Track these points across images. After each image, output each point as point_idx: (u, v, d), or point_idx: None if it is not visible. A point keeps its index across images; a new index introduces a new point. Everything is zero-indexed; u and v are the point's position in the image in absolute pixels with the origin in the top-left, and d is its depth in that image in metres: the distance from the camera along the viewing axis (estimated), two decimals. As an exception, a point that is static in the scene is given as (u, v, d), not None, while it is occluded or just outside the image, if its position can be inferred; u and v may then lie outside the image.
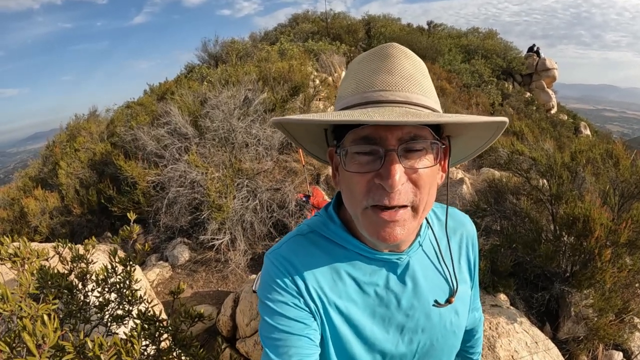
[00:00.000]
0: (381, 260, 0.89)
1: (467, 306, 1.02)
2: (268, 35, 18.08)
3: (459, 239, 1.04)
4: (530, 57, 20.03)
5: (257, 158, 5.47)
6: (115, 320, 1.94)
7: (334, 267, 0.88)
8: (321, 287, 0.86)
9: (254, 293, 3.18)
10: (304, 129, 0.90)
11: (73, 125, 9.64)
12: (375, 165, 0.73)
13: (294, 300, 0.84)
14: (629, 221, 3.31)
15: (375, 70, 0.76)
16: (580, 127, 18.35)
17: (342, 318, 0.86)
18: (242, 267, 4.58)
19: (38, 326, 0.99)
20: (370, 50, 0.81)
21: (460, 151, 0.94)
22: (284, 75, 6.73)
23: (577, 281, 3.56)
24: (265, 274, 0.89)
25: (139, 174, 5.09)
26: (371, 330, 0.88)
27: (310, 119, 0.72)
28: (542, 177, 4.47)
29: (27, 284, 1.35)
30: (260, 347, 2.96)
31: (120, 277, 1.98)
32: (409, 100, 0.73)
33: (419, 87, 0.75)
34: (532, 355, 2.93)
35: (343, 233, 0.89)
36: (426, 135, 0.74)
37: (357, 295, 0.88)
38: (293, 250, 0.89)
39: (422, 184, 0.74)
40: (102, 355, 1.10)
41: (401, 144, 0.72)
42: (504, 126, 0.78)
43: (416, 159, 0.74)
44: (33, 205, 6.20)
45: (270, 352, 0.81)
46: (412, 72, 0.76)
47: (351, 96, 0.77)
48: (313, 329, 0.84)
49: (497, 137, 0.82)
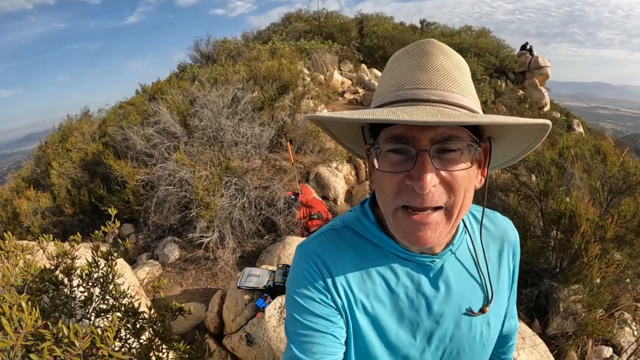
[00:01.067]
0: (414, 262, 0.86)
1: (500, 318, 0.98)
2: (261, 35, 18.11)
3: (499, 246, 0.98)
4: (523, 55, 20.10)
5: (245, 156, 5.52)
6: (99, 314, 1.99)
7: (364, 264, 0.86)
8: (349, 284, 0.84)
9: (238, 289, 3.24)
10: (340, 127, 0.88)
11: (65, 125, 9.66)
12: (407, 166, 0.70)
13: (321, 296, 0.83)
14: (616, 216, 3.34)
15: (411, 67, 0.74)
16: (573, 125, 18.45)
17: (368, 318, 0.85)
18: (231, 265, 4.62)
19: (14, 311, 1.05)
20: (408, 46, 0.78)
21: (503, 154, 0.89)
22: (273, 74, 6.78)
23: (565, 277, 3.57)
24: (294, 268, 0.88)
25: (128, 173, 5.13)
26: (397, 334, 0.86)
27: (338, 117, 0.70)
28: (530, 173, 4.53)
29: (9, 275, 1.40)
30: (244, 342, 3.02)
31: (103, 272, 2.03)
32: (444, 99, 0.70)
33: (455, 85, 0.72)
34: (519, 350, 2.93)
35: (377, 231, 0.87)
36: (463, 136, 0.71)
37: (386, 296, 0.85)
38: (323, 246, 0.88)
39: (457, 186, 0.71)
40: (77, 342, 1.15)
41: (434, 145, 0.69)
42: (547, 129, 0.72)
43: (450, 160, 0.71)
44: (25, 206, 6.23)
45: (295, 347, 0.81)
46: (449, 69, 0.73)
47: (386, 94, 0.75)
48: (339, 327, 0.83)
49: (540, 140, 0.77)
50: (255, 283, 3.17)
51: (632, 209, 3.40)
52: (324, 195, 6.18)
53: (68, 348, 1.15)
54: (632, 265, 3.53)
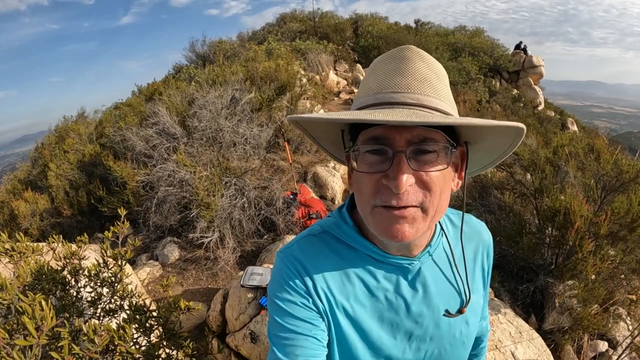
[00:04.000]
0: (392, 265, 0.88)
1: (477, 316, 1.01)
2: (256, 35, 18.12)
3: (474, 248, 1.02)
4: (517, 54, 20.24)
5: (244, 157, 5.54)
6: (108, 313, 2.02)
7: (343, 268, 0.88)
8: (329, 287, 0.86)
9: (242, 288, 3.27)
10: (322, 130, 0.90)
11: (62, 127, 9.63)
12: (384, 166, 0.72)
13: (302, 300, 0.84)
14: (609, 213, 3.40)
15: (390, 71, 0.76)
16: (567, 123, 18.58)
17: (349, 320, 0.86)
18: (231, 265, 4.65)
19: (37, 310, 1.08)
20: (388, 52, 0.80)
21: (482, 158, 0.91)
22: (270, 75, 6.80)
23: (560, 272, 3.62)
24: (276, 272, 0.90)
25: (128, 174, 5.14)
26: (378, 335, 0.87)
27: (317, 117, 0.73)
28: (525, 171, 4.58)
29: (24, 276, 1.43)
30: (249, 340, 3.05)
31: (112, 272, 2.06)
32: (420, 102, 0.72)
33: (432, 90, 0.74)
34: (516, 344, 2.98)
35: (355, 234, 0.89)
36: (438, 138, 0.74)
37: (366, 298, 0.87)
38: (304, 250, 0.90)
39: (432, 187, 0.74)
40: (96, 339, 1.18)
41: (410, 146, 0.72)
42: (522, 133, 0.74)
43: (426, 161, 0.73)
44: (23, 208, 6.21)
45: (278, 350, 0.82)
46: (427, 74, 0.75)
47: (365, 97, 0.77)
48: (321, 330, 0.84)
49: (517, 144, 0.79)
50: (259, 281, 3.20)
51: (625, 205, 3.45)
52: (321, 195, 6.21)
53: (88, 345, 1.18)
54: (626, 261, 3.59)
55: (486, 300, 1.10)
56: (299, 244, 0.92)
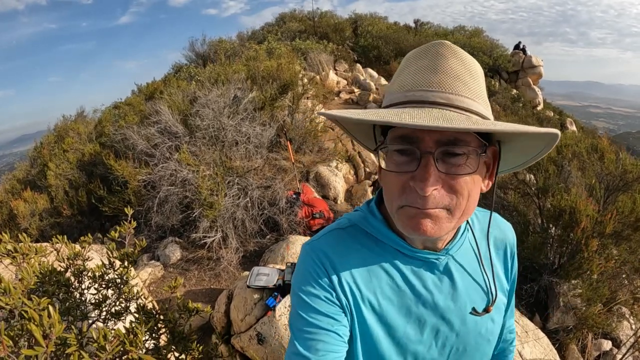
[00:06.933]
0: (420, 260, 0.87)
1: (502, 313, 0.99)
2: (255, 35, 18.06)
3: (500, 247, 1.00)
4: (516, 54, 20.20)
5: (247, 156, 5.50)
6: (113, 316, 1.97)
7: (371, 262, 0.87)
8: (356, 282, 0.85)
9: (248, 289, 3.22)
10: (354, 124, 0.88)
11: (61, 126, 9.56)
12: (411, 167, 0.71)
13: (326, 294, 0.83)
14: (614, 212, 3.40)
15: (422, 68, 0.73)
16: (566, 124, 18.57)
17: (375, 315, 0.85)
18: (234, 265, 4.60)
19: (45, 317, 1.02)
20: (421, 47, 0.77)
21: (515, 158, 0.87)
22: (272, 74, 6.76)
23: (565, 272, 3.63)
24: (300, 265, 0.88)
25: (129, 173, 5.08)
26: (405, 330, 0.86)
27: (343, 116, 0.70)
28: (529, 171, 4.57)
29: (28, 279, 1.37)
30: (255, 341, 3.00)
31: (118, 273, 2.00)
32: (451, 102, 0.69)
33: (465, 88, 0.71)
34: (523, 344, 2.98)
35: (383, 228, 0.87)
36: (469, 140, 0.71)
37: (393, 293, 0.86)
38: (330, 243, 0.88)
39: (460, 190, 0.72)
40: (107, 346, 1.13)
41: (439, 147, 0.69)
42: (556, 137, 0.71)
43: (455, 163, 0.71)
44: (22, 207, 6.16)
45: (298, 344, 0.81)
46: (460, 72, 0.72)
47: (396, 94, 0.75)
48: (343, 325, 0.83)
49: (551, 147, 0.76)
50: (265, 282, 3.15)
51: (629, 205, 3.45)
52: (324, 195, 6.18)
53: (97, 352, 1.13)
54: (630, 260, 3.60)
55: (512, 310, 1.09)
56: (325, 237, 0.91)
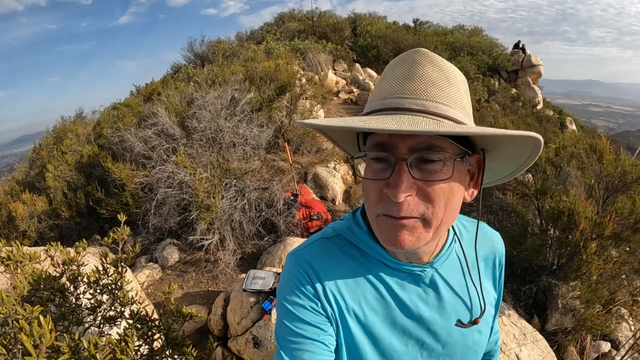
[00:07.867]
0: (405, 272, 0.86)
1: (489, 325, 0.99)
2: (254, 35, 18.04)
3: (489, 257, 1.00)
4: (515, 53, 20.19)
5: (244, 158, 5.50)
6: (108, 321, 1.97)
7: (356, 273, 0.86)
8: (340, 292, 0.84)
9: (244, 292, 3.22)
10: (340, 134, 0.88)
11: (59, 127, 9.55)
12: (386, 174, 0.70)
13: (311, 304, 0.83)
14: (614, 214, 3.38)
15: (399, 76, 0.73)
16: (566, 123, 18.58)
17: (360, 326, 0.84)
18: (231, 267, 4.60)
19: (35, 327, 1.03)
20: (400, 55, 0.77)
21: (502, 167, 0.86)
22: (270, 75, 6.76)
23: (563, 274, 3.62)
24: (285, 275, 0.88)
25: (127, 175, 5.08)
26: (389, 341, 0.85)
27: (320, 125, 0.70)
28: (527, 172, 4.56)
29: (21, 287, 1.38)
30: (251, 345, 3.01)
31: (112, 279, 2.01)
32: (424, 108, 0.69)
33: (440, 94, 0.70)
34: (521, 346, 2.98)
35: (368, 239, 0.86)
36: (445, 146, 0.70)
37: (378, 304, 0.85)
38: (315, 253, 0.88)
39: (435, 197, 0.71)
40: (98, 354, 1.13)
41: (413, 154, 0.69)
42: (540, 143, 0.70)
43: (430, 170, 0.70)
44: (21, 210, 6.15)
45: (285, 354, 0.81)
46: (436, 78, 0.71)
47: (374, 102, 0.75)
48: (329, 335, 0.83)
49: (536, 155, 0.75)
50: (261, 285, 3.16)
51: (628, 206, 3.44)
52: (322, 196, 6.18)
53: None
54: (629, 261, 3.59)
55: (497, 311, 1.07)
56: (310, 247, 0.90)
